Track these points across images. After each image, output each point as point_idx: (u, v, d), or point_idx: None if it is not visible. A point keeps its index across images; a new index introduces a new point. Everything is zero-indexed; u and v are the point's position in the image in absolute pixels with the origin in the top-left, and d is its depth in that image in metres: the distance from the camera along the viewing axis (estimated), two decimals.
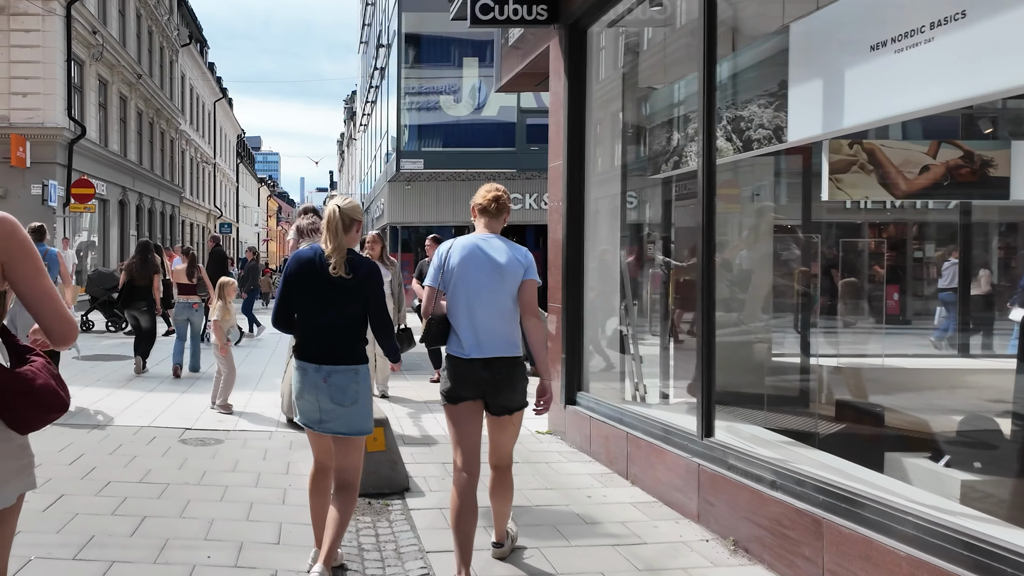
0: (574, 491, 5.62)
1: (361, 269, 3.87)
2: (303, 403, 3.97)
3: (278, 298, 4.03)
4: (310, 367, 3.90)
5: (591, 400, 6.75)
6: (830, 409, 6.69)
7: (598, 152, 7.20)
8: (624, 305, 7.20)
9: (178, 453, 6.55)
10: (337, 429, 3.92)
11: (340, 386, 3.85)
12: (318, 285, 3.88)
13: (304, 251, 3.99)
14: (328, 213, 3.89)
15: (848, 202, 7.77)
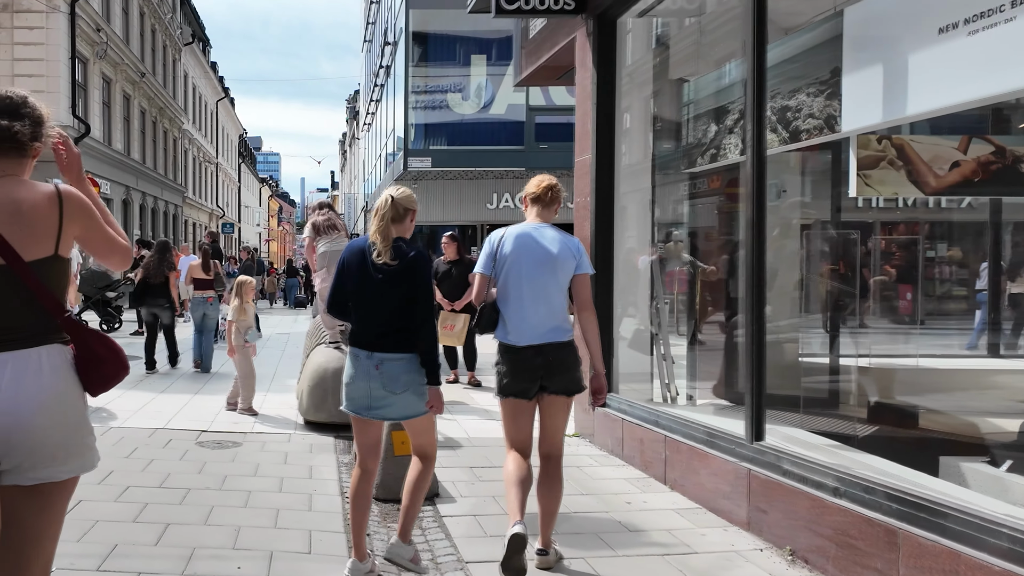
0: (611, 497, 5.40)
1: (406, 257, 3.79)
2: (353, 388, 3.91)
3: (332, 285, 4.05)
4: (362, 354, 3.87)
5: (623, 402, 6.53)
6: (865, 411, 6.49)
7: (627, 146, 6.98)
8: (655, 305, 6.98)
9: (196, 456, 6.32)
10: (389, 415, 3.91)
11: (392, 374, 3.81)
12: (365, 273, 3.85)
13: (357, 240, 4.00)
14: (379, 201, 3.87)
15: (878, 199, 7.59)
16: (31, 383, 2.23)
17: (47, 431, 2.24)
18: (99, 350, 2.40)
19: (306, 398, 7.53)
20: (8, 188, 2.32)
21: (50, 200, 2.34)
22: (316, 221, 8.21)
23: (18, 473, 2.24)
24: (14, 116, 2.39)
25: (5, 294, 2.27)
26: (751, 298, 4.70)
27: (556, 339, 4.11)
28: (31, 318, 2.30)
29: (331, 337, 8.11)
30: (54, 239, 2.33)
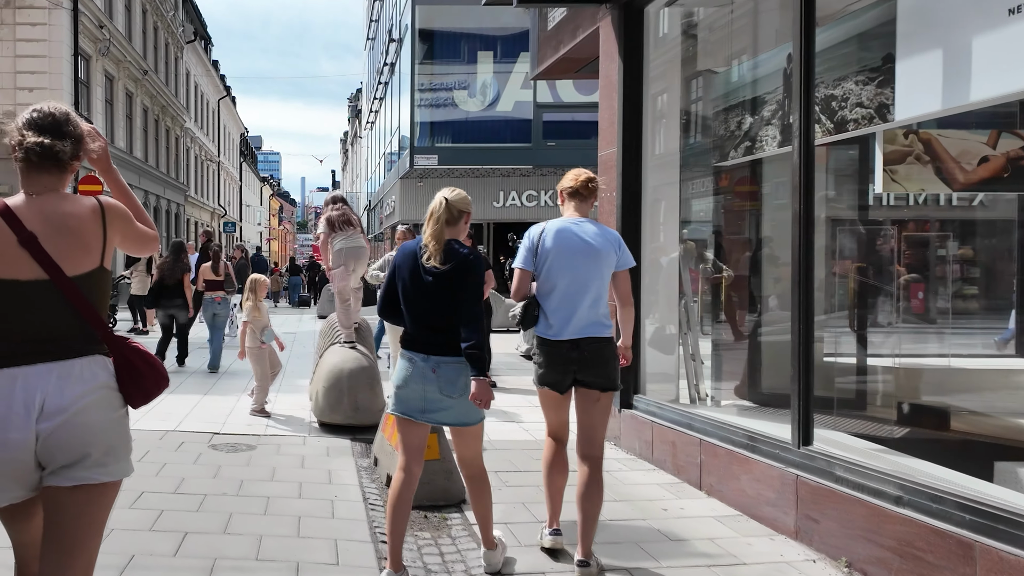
0: (645, 503, 5.18)
1: (455, 260, 3.73)
2: (406, 392, 3.86)
3: (384, 288, 4.01)
4: (417, 357, 3.82)
5: (651, 404, 6.31)
6: (901, 412, 6.26)
7: (653, 139, 6.75)
8: (683, 304, 6.75)
9: (210, 460, 6.10)
10: (444, 420, 3.88)
11: (449, 378, 3.77)
12: (417, 276, 3.80)
13: (409, 242, 3.94)
14: (434, 205, 3.81)
15: (909, 195, 7.38)
16: (75, 388, 2.28)
17: (89, 433, 2.28)
18: (138, 364, 2.44)
19: (321, 399, 7.31)
20: (53, 203, 2.36)
21: (93, 213, 2.39)
22: (330, 216, 7.96)
23: (60, 474, 2.27)
24: (57, 134, 2.39)
25: (50, 308, 2.31)
26: (799, 296, 4.48)
27: (595, 334, 4.11)
28: (75, 331, 2.35)
29: (346, 337, 7.89)
30: (99, 251, 2.38)
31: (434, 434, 5.25)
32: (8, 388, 2.24)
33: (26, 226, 2.30)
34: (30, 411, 2.23)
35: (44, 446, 2.24)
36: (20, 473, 2.25)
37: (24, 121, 2.41)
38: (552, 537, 4.28)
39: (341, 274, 7.96)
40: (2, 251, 2.28)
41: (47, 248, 2.30)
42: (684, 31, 6.78)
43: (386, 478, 5.49)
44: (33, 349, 2.28)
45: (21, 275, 2.29)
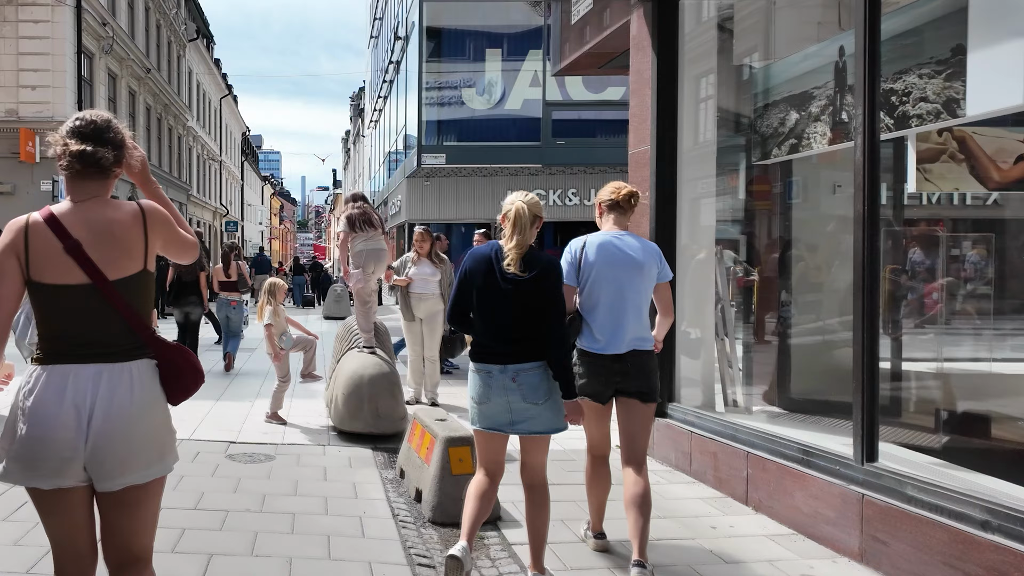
0: (691, 520, 4.91)
1: (537, 265, 3.66)
2: (489, 407, 3.76)
3: (453, 296, 3.87)
4: (494, 369, 3.72)
5: (689, 413, 6.04)
6: (952, 421, 6.00)
7: (689, 136, 6.48)
8: (719, 307, 6.49)
9: (228, 472, 5.83)
10: (534, 428, 3.73)
11: (532, 384, 3.67)
12: (495, 283, 3.69)
13: (481, 248, 3.82)
14: (516, 210, 3.70)
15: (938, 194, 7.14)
16: (123, 395, 2.40)
17: (135, 440, 2.41)
18: (179, 362, 2.55)
19: (340, 406, 7.03)
20: (96, 209, 2.44)
21: (135, 217, 2.47)
22: (351, 215, 7.66)
23: (109, 480, 2.40)
24: (99, 142, 2.45)
25: (95, 311, 2.41)
26: (863, 302, 4.20)
27: (640, 347, 4.14)
28: (120, 334, 2.45)
29: (365, 341, 7.62)
30: (142, 255, 2.47)
31: (467, 447, 4.99)
32: (58, 387, 2.37)
33: (71, 233, 2.39)
34: (80, 412, 2.36)
35: (93, 450, 2.37)
36: (66, 468, 2.38)
37: (67, 130, 2.48)
38: (596, 540, 4.36)
39: (359, 276, 7.69)
40: (49, 257, 2.39)
41: (91, 254, 2.39)
42: (720, 23, 6.51)
43: (415, 492, 5.23)
44: (82, 351, 2.40)
45: (67, 280, 2.39)
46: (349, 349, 7.74)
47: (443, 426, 5.21)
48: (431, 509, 4.86)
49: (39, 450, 2.36)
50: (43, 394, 2.37)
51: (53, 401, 2.36)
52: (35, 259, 2.40)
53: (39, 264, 2.40)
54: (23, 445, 2.37)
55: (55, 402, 2.36)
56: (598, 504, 4.33)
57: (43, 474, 2.38)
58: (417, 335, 8.75)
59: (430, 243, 8.89)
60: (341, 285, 25.14)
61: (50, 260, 2.39)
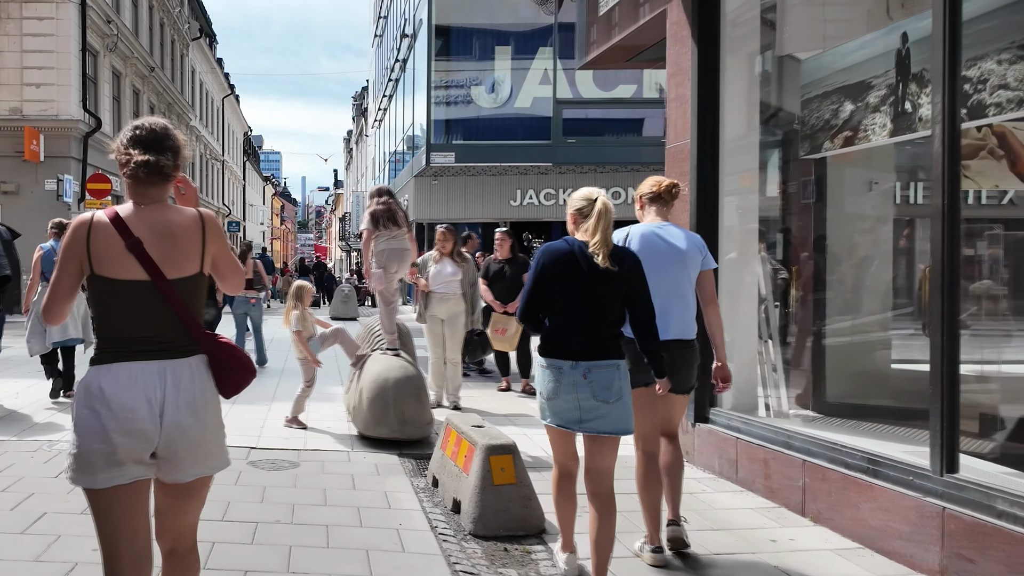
0: (747, 532, 4.64)
1: (626, 261, 3.66)
2: (559, 403, 3.71)
3: (529, 295, 3.77)
4: (565, 365, 3.67)
5: (735, 418, 5.77)
6: (1006, 427, 5.74)
7: (731, 130, 6.21)
8: (762, 308, 6.22)
9: (253, 480, 5.56)
10: (602, 428, 3.66)
11: (603, 382, 3.62)
12: (582, 279, 3.65)
13: (557, 245, 3.75)
14: (604, 205, 3.68)
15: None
16: (188, 389, 2.52)
17: (201, 432, 2.54)
18: (230, 360, 2.65)
19: (365, 411, 6.76)
20: (159, 213, 2.58)
21: (195, 223, 2.60)
22: (375, 211, 7.36)
23: (182, 471, 2.56)
24: (159, 150, 2.57)
25: (153, 308, 2.53)
26: (943, 303, 3.94)
27: (683, 335, 4.22)
28: (176, 331, 2.56)
29: (389, 343, 7.35)
30: (199, 258, 2.59)
31: (508, 455, 4.73)
32: (129, 383, 2.47)
33: (133, 232, 2.51)
34: (153, 406, 2.47)
35: (167, 443, 2.49)
36: (145, 461, 2.51)
37: (128, 139, 2.59)
38: (654, 554, 4.12)
39: (380, 277, 7.42)
40: (110, 253, 2.50)
41: (151, 253, 2.51)
42: (763, 13, 6.24)
43: (452, 503, 4.96)
44: (142, 348, 2.51)
45: (128, 276, 2.51)
46: (372, 351, 7.47)
47: (482, 433, 4.94)
48: (472, 522, 4.59)
49: (122, 443, 2.46)
50: (116, 390, 2.46)
51: (127, 395, 2.46)
52: (97, 254, 2.51)
53: (101, 259, 2.51)
54: (105, 442, 2.45)
55: (130, 396, 2.46)
56: (653, 509, 4.13)
57: (125, 466, 2.48)
58: (438, 336, 8.49)
59: (452, 242, 8.62)
60: (348, 286, 24.91)
61: (112, 256, 2.50)
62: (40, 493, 5.07)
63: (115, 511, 2.53)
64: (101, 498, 2.51)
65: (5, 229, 7.85)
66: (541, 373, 3.79)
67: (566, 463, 3.91)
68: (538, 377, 3.82)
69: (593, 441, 3.74)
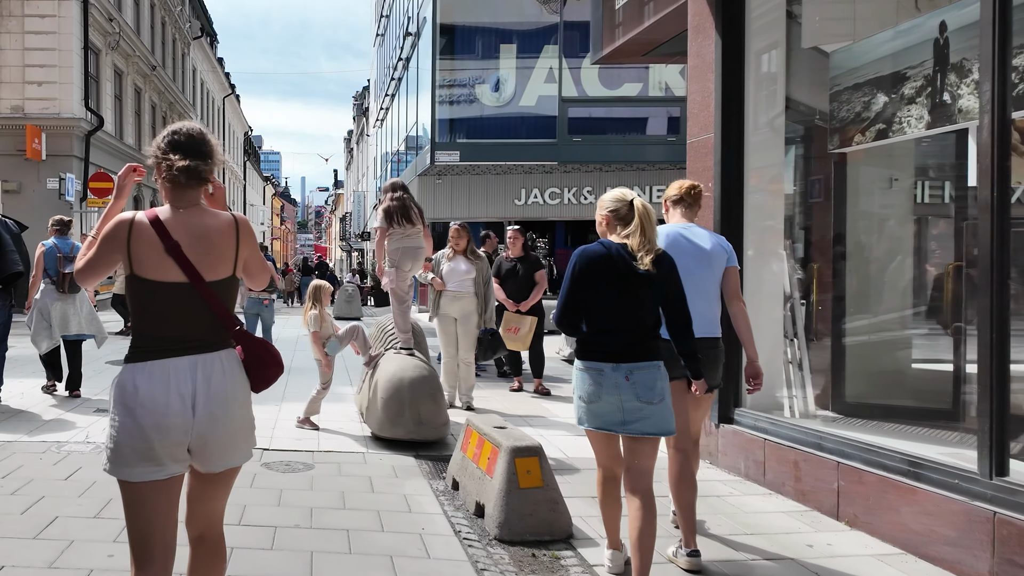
0: (782, 537, 4.49)
1: (664, 263, 3.66)
2: (600, 406, 3.70)
3: (566, 299, 3.76)
4: (606, 367, 3.67)
5: (762, 419, 5.62)
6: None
7: (756, 122, 6.07)
8: (788, 306, 6.07)
9: (268, 483, 5.41)
10: (645, 429, 3.66)
11: (646, 383, 3.63)
12: (620, 282, 3.66)
13: (594, 248, 3.74)
14: (644, 207, 3.72)
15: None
16: (218, 382, 2.60)
17: (234, 423, 2.64)
18: (263, 354, 2.74)
19: (379, 412, 6.61)
20: (196, 217, 2.65)
21: (230, 227, 2.68)
22: (388, 207, 7.20)
23: (214, 461, 2.63)
24: (199, 155, 2.66)
25: (192, 308, 2.61)
26: (992, 298, 3.78)
27: (710, 334, 4.25)
28: (212, 328, 2.63)
29: (403, 342, 7.20)
30: (233, 261, 2.67)
31: (534, 458, 4.58)
32: (162, 380, 2.54)
33: (172, 235, 2.57)
34: (185, 400, 2.54)
35: (198, 433, 2.57)
36: (179, 455, 2.59)
37: (166, 144, 2.67)
38: (690, 558, 4.02)
39: (393, 275, 7.26)
40: (150, 256, 2.57)
41: (189, 256, 2.58)
42: (790, 3, 6.09)
43: (474, 506, 4.81)
44: (176, 345, 2.58)
45: (167, 278, 2.58)
46: (386, 350, 7.32)
47: (505, 435, 4.79)
48: (497, 526, 4.44)
49: (158, 440, 2.53)
50: (150, 388, 2.53)
51: (161, 392, 2.53)
52: (137, 255, 2.57)
53: (140, 260, 2.57)
54: (140, 439, 2.53)
55: (163, 393, 2.53)
56: (688, 510, 4.09)
57: (162, 464, 2.56)
58: (451, 336, 8.33)
59: (466, 239, 8.47)
60: (352, 285, 24.76)
61: (151, 258, 2.57)
62: (51, 496, 4.93)
63: (149, 504, 2.60)
64: (137, 491, 2.58)
65: (13, 222, 7.72)
66: (580, 376, 3.77)
67: (611, 466, 3.90)
68: (577, 381, 3.80)
69: (635, 442, 3.73)
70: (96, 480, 5.27)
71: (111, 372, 10.15)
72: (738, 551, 4.24)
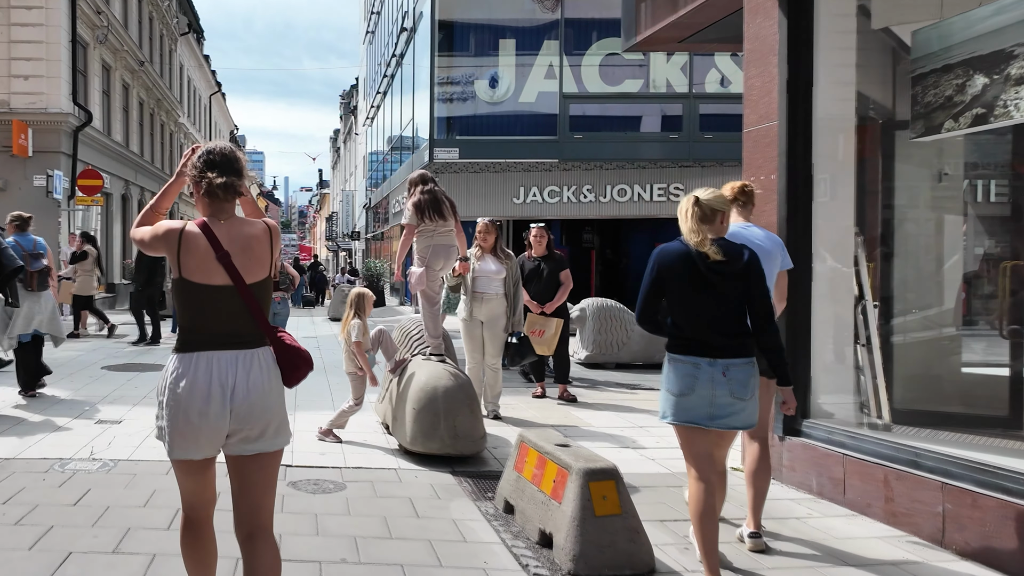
0: (890, 569, 4.02)
1: (743, 258, 3.72)
2: (691, 400, 3.73)
3: (646, 297, 3.83)
4: (703, 361, 3.71)
5: (838, 432, 5.15)
6: None
7: (826, 108, 5.60)
8: (860, 307, 5.60)
9: (300, 506, 4.90)
10: (734, 424, 3.75)
11: (741, 380, 3.70)
12: (700, 277, 3.72)
13: (672, 245, 3.82)
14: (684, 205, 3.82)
15: None
16: (256, 375, 2.86)
17: (268, 412, 2.87)
18: (294, 353, 2.97)
19: (410, 424, 6.09)
20: (237, 226, 2.93)
21: (265, 233, 2.96)
22: (419, 201, 6.65)
23: (247, 444, 2.87)
24: (234, 172, 2.93)
25: (234, 307, 2.87)
26: None
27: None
28: (250, 327, 2.89)
29: (434, 348, 6.68)
30: (269, 265, 2.96)
31: (610, 481, 4.08)
32: (206, 372, 2.80)
33: (222, 245, 2.83)
34: (225, 390, 2.79)
35: (236, 420, 2.81)
36: (215, 438, 2.83)
37: (203, 163, 2.91)
38: (753, 540, 4.25)
39: (422, 276, 6.74)
40: (201, 262, 2.82)
41: (236, 263, 2.84)
42: None
43: (538, 535, 4.31)
44: (223, 340, 2.84)
45: (215, 281, 2.84)
46: (413, 357, 6.80)
47: (572, 454, 4.29)
48: (571, 559, 3.93)
49: (196, 426, 2.79)
50: (194, 379, 2.80)
51: (203, 383, 2.79)
52: (187, 261, 2.83)
53: (191, 266, 2.83)
54: (186, 424, 2.79)
55: (205, 383, 2.79)
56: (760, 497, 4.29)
57: (202, 445, 2.83)
58: (477, 340, 7.81)
59: (495, 236, 7.95)
60: (349, 286, 24.17)
61: (201, 264, 2.83)
62: (61, 526, 4.38)
63: (191, 477, 2.94)
64: (181, 465, 2.92)
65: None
66: (672, 370, 3.80)
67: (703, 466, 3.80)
68: (668, 374, 3.82)
69: (717, 435, 3.96)
70: (109, 506, 4.74)
71: (110, 378, 9.59)
72: None
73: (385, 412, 6.99)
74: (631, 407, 8.41)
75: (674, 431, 3.89)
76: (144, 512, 4.68)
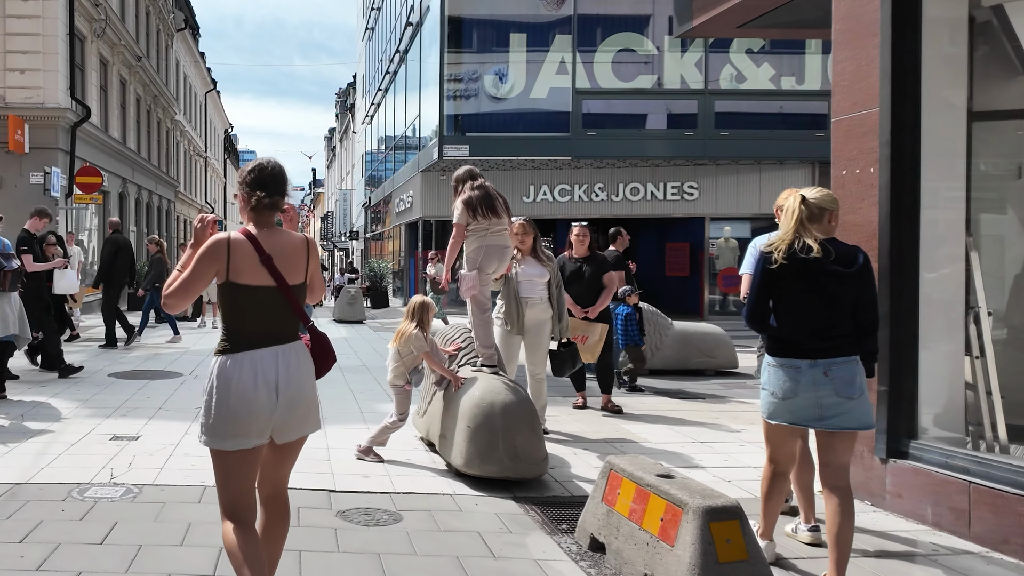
0: None
1: (856, 261, 3.72)
2: (796, 402, 3.76)
3: (756, 296, 3.86)
4: (803, 363, 3.73)
5: (959, 456, 4.59)
6: None
7: (934, 95, 5.04)
8: (972, 316, 5.04)
9: (357, 544, 4.30)
10: (845, 424, 3.72)
11: (845, 379, 3.70)
12: (815, 278, 3.72)
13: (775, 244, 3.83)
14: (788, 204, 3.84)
15: None
16: (295, 367, 3.14)
17: (308, 401, 3.18)
18: (325, 347, 3.34)
19: (464, 443, 5.51)
20: (277, 235, 3.20)
21: (303, 244, 3.27)
22: (471, 197, 6.07)
23: (290, 433, 3.14)
24: (279, 191, 3.23)
25: (276, 307, 3.14)
26: None
27: None
28: (292, 323, 3.21)
29: (485, 359, 6.10)
30: (305, 271, 3.25)
31: (734, 521, 3.51)
32: (251, 370, 3.05)
33: (265, 250, 3.12)
34: (270, 384, 3.06)
35: (280, 410, 3.08)
36: (264, 430, 3.08)
37: (251, 179, 3.21)
38: (811, 532, 4.32)
39: (473, 280, 6.16)
40: (247, 265, 3.10)
41: (278, 265, 3.13)
42: None
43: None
44: (266, 338, 3.11)
45: (260, 283, 3.12)
46: (462, 367, 6.21)
47: (682, 488, 3.71)
48: None
49: (248, 421, 3.02)
50: (241, 378, 3.03)
51: (250, 381, 3.03)
52: (235, 266, 3.08)
53: (238, 269, 3.08)
54: (235, 420, 3.01)
55: (251, 381, 3.03)
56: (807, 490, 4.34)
57: (250, 437, 3.04)
58: (515, 349, 7.20)
59: (533, 236, 7.36)
60: (355, 287, 23.55)
61: (248, 267, 3.09)
62: (91, 572, 3.78)
63: (240, 469, 3.08)
64: (231, 459, 3.06)
65: None
66: (773, 373, 3.84)
67: (785, 462, 3.97)
68: (769, 377, 3.87)
69: (831, 437, 3.79)
70: (141, 545, 4.14)
71: (119, 387, 8.98)
72: None
73: (428, 427, 6.40)
74: (682, 419, 7.85)
75: (762, 425, 3.97)
76: (182, 553, 4.08)
